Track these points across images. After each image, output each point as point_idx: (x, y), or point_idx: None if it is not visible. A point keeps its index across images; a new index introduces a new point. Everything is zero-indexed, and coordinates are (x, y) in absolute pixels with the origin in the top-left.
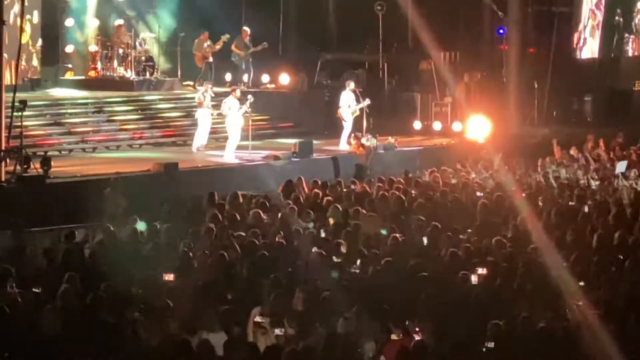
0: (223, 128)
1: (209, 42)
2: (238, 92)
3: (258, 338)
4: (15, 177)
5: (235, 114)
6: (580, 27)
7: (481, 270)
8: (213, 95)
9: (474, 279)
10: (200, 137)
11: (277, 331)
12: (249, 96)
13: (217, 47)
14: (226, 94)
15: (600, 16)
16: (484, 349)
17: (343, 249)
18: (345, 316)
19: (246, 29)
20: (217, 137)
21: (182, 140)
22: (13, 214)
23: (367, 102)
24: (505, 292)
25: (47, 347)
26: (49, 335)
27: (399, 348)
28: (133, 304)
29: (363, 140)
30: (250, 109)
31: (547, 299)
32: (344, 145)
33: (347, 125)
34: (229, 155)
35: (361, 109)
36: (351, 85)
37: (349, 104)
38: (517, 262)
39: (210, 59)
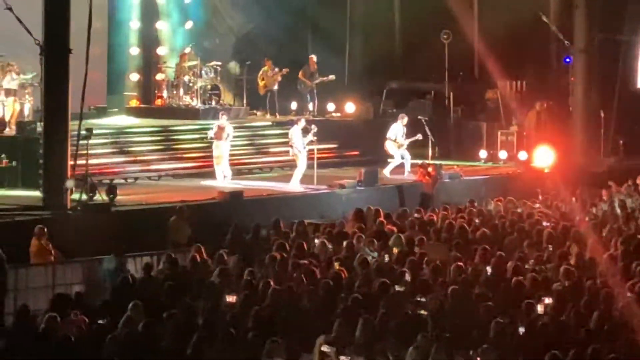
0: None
1: (273, 71)
2: (303, 122)
3: None
4: (81, 205)
5: (300, 143)
6: None
7: (548, 300)
8: (223, 125)
9: (539, 308)
10: (222, 168)
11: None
12: (313, 125)
13: (278, 78)
14: (291, 123)
15: None
16: None
17: (407, 277)
18: (415, 345)
19: (313, 57)
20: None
21: (247, 169)
22: (80, 241)
23: (419, 136)
24: (571, 322)
25: None
26: None
27: None
28: (196, 333)
29: (429, 170)
30: (315, 138)
31: (612, 330)
32: (388, 173)
33: (396, 157)
34: (295, 184)
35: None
36: (404, 120)
37: (395, 137)
38: (582, 292)
39: (275, 88)
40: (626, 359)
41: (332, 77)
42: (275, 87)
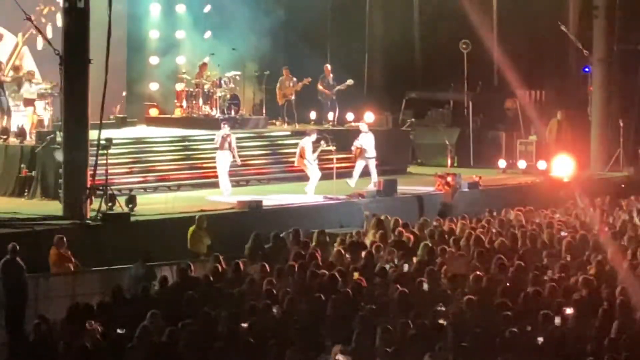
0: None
1: (292, 80)
2: (315, 135)
3: None
4: (100, 214)
5: (310, 155)
6: None
7: (569, 310)
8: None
9: (557, 320)
10: (224, 182)
11: None
12: (325, 135)
13: (298, 87)
14: (308, 132)
15: None
16: None
17: (425, 287)
18: (430, 355)
19: (328, 66)
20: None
21: (266, 179)
22: (98, 251)
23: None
24: (591, 332)
25: None
26: None
27: None
28: (215, 341)
29: (448, 179)
30: (331, 146)
31: (632, 340)
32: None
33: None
34: (310, 193)
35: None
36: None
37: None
38: (601, 301)
39: (292, 98)
40: None
41: (350, 81)
42: (293, 97)
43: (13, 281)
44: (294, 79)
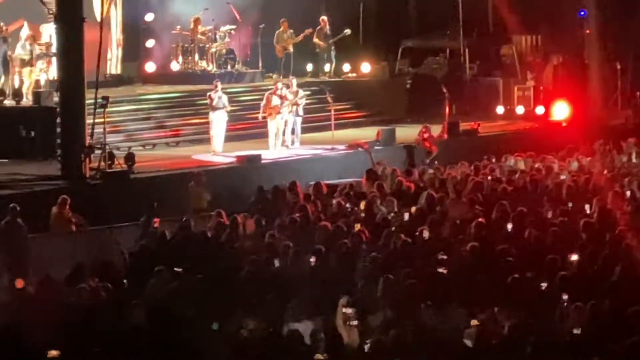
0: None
1: (289, 33)
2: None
3: (347, 327)
4: (99, 173)
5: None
6: None
7: (574, 257)
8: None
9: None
10: (217, 140)
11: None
12: (322, 86)
13: (299, 38)
14: (306, 84)
15: None
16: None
17: (426, 235)
18: (429, 304)
19: (324, 18)
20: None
21: (265, 133)
22: (98, 210)
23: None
24: (594, 277)
25: (133, 342)
26: (136, 329)
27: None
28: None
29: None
30: (331, 100)
31: (634, 283)
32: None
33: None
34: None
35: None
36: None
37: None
38: (603, 246)
39: (291, 50)
40: None
41: (347, 31)
42: (291, 50)
43: (14, 242)
44: (291, 31)
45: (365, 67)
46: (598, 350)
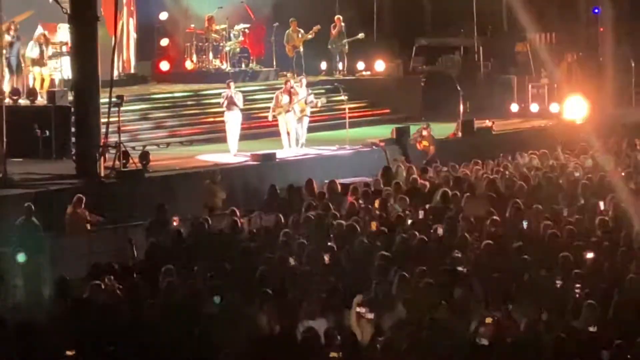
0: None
1: (300, 32)
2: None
3: (361, 325)
4: (114, 172)
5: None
6: None
7: (590, 255)
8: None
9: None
10: (231, 140)
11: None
12: (336, 84)
13: (309, 36)
14: (320, 83)
15: None
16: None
17: (440, 232)
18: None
19: (339, 17)
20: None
21: (278, 132)
22: (113, 208)
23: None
24: (609, 274)
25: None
26: (151, 327)
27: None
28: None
29: (423, 133)
30: (346, 98)
31: None
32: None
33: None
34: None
35: None
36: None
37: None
38: (618, 242)
39: (301, 49)
40: None
41: (361, 35)
42: (302, 48)
43: (30, 241)
44: (301, 30)
45: (380, 65)
46: (612, 347)
